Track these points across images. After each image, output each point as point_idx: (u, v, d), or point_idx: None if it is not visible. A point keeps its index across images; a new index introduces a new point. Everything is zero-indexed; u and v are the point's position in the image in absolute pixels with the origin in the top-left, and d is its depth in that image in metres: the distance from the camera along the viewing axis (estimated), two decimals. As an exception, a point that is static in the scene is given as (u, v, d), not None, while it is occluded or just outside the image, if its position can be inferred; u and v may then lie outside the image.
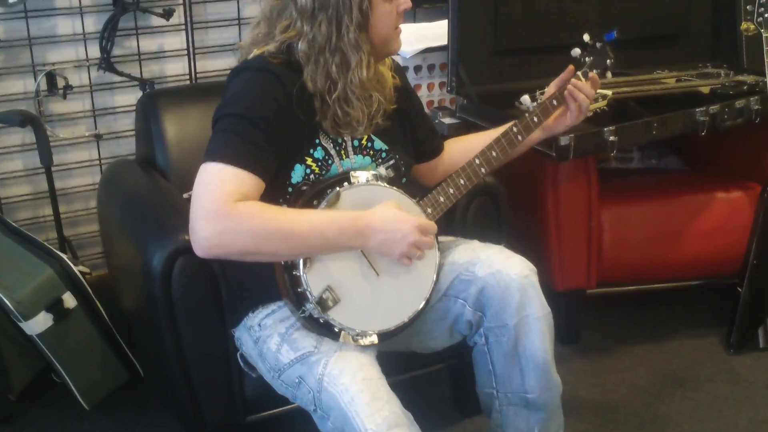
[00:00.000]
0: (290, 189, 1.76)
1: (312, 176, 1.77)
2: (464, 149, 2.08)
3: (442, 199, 1.87)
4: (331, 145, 1.81)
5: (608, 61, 2.02)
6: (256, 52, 1.78)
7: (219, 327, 1.94)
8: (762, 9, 2.61)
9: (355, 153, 1.84)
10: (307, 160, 1.77)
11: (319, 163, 1.78)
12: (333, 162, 1.80)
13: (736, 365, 2.73)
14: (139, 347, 2.46)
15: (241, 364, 1.93)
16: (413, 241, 1.71)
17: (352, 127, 1.79)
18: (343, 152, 1.82)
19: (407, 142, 1.99)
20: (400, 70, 1.99)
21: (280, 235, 1.61)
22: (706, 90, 2.78)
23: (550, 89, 2.04)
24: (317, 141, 1.78)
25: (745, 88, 2.77)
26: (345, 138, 1.83)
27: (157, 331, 1.95)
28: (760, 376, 2.67)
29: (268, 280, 1.75)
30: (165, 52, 2.93)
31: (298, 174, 1.76)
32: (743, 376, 2.68)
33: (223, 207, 1.58)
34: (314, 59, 1.73)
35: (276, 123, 1.69)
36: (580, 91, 1.96)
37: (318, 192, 1.73)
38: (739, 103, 2.68)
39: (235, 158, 1.63)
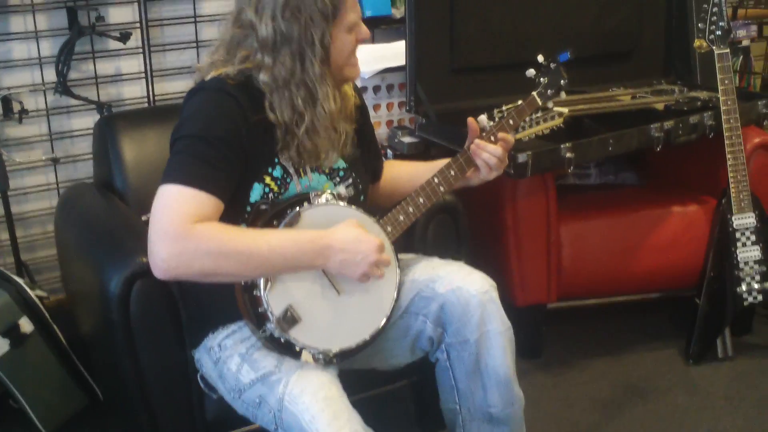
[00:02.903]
0: (249, 208, 1.76)
1: (270, 195, 1.77)
2: (393, 175, 2.11)
3: (401, 217, 1.87)
4: (290, 163, 1.80)
5: (562, 81, 2.04)
6: (213, 73, 1.77)
7: (178, 349, 1.92)
8: (713, 27, 2.65)
9: (312, 171, 1.84)
10: (265, 179, 1.77)
11: (278, 182, 1.78)
12: (291, 180, 1.80)
13: (695, 376, 2.76)
14: (97, 371, 2.43)
15: (202, 385, 1.91)
16: (374, 260, 1.71)
17: (318, 159, 1.80)
18: (301, 170, 1.82)
19: (365, 160, 2.00)
20: (357, 89, 2.00)
21: (240, 256, 1.61)
22: (660, 106, 2.82)
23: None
24: (276, 160, 1.78)
25: (698, 104, 2.81)
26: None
27: (116, 355, 1.93)
28: (719, 386, 2.70)
29: (227, 301, 1.74)
30: (122, 75, 2.91)
31: (256, 193, 1.76)
32: (702, 386, 2.70)
33: (182, 228, 1.57)
34: (278, 92, 1.73)
35: (233, 143, 1.69)
36: (484, 150, 1.94)
37: (278, 212, 1.73)
38: (693, 119, 2.72)
39: (193, 179, 1.62)
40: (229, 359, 1.78)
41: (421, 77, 2.78)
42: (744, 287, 2.74)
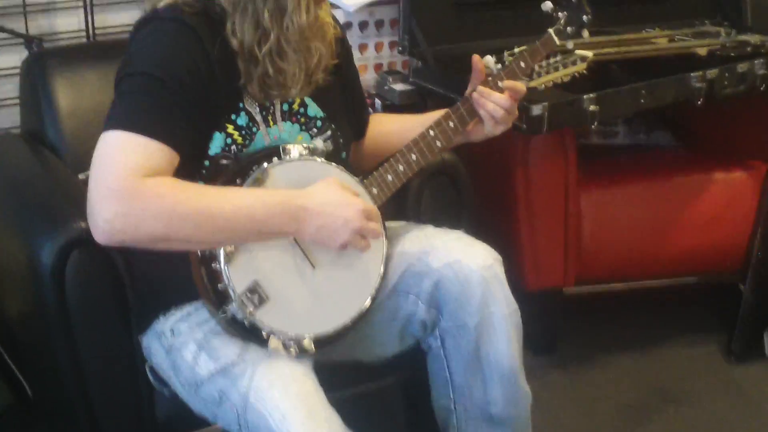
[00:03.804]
0: (207, 162, 1.77)
1: (233, 147, 1.78)
2: (382, 130, 2.14)
3: (390, 177, 1.89)
4: (257, 109, 1.82)
5: (585, 17, 2.06)
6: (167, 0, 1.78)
7: (123, 334, 1.94)
8: (768, -44, 2.67)
9: (283, 119, 1.86)
10: (227, 128, 1.78)
11: (242, 131, 1.80)
12: (258, 129, 1.82)
13: (738, 376, 2.81)
14: (26, 363, 2.44)
15: (151, 378, 1.93)
16: (357, 227, 1.73)
17: (284, 88, 1.81)
18: (270, 118, 1.84)
19: (348, 108, 2.02)
20: (336, 20, 2.02)
21: (197, 217, 1.62)
22: (703, 51, 2.84)
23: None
24: (240, 105, 1.80)
25: (748, 49, 2.85)
26: (273, 101, 1.84)
27: (48, 342, 1.95)
28: (766, 388, 2.75)
29: (182, 277, 1.75)
30: (56, 2, 2.91)
31: (217, 144, 1.77)
32: (746, 389, 2.75)
33: (129, 184, 1.58)
34: (242, 8, 1.74)
35: (192, 85, 1.70)
36: (488, 100, 1.96)
37: (242, 168, 1.75)
38: (742, 67, 2.74)
39: (143, 126, 1.63)
40: (184, 347, 1.80)
41: (418, 12, 2.80)
42: (798, 271, 2.78)
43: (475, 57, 1.98)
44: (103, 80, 2.30)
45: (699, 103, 2.68)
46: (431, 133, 1.94)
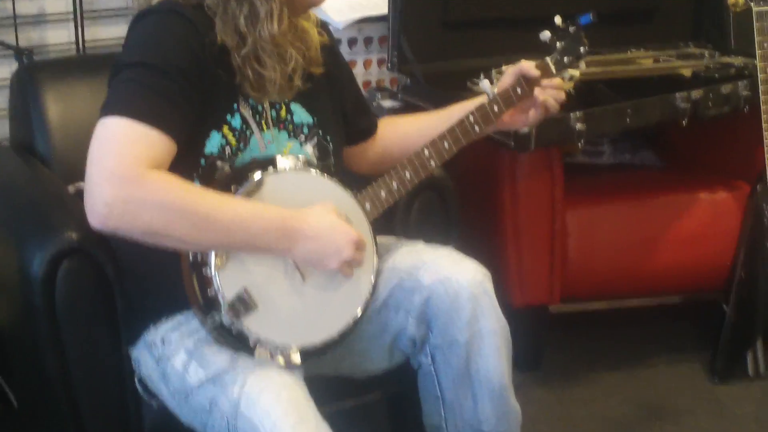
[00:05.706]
0: (203, 161, 1.78)
1: (228, 148, 1.80)
2: (401, 133, 2.16)
3: (383, 193, 1.91)
4: (250, 113, 1.84)
5: (582, 48, 2.08)
6: None
7: (113, 345, 1.94)
8: (752, -21, 2.70)
9: (273, 125, 1.88)
10: (223, 128, 1.80)
11: (236, 133, 1.81)
12: (252, 134, 1.84)
13: (721, 395, 2.82)
14: (13, 373, 2.44)
15: (140, 389, 1.92)
16: (347, 257, 1.75)
17: (266, 91, 1.83)
18: (264, 122, 1.86)
19: (337, 114, 2.04)
20: (326, 27, 2.04)
21: (196, 217, 1.62)
22: (687, 73, 2.88)
23: (506, 79, 2.09)
24: (235, 106, 1.82)
25: (732, 71, 2.88)
26: (264, 106, 1.86)
27: (36, 351, 1.95)
28: (748, 407, 2.77)
29: (172, 286, 1.76)
30: (46, 15, 2.92)
31: (213, 143, 1.79)
32: (729, 407, 2.77)
33: (133, 172, 1.58)
34: (222, 10, 1.77)
35: (192, 75, 1.71)
36: (552, 89, 2.03)
37: (237, 175, 1.76)
38: (726, 89, 2.78)
39: (144, 113, 1.63)
40: (174, 356, 1.80)
41: (407, 30, 2.81)
42: (781, 291, 2.80)
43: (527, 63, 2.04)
44: (93, 93, 2.30)
45: (684, 123, 2.71)
46: (426, 152, 1.96)
